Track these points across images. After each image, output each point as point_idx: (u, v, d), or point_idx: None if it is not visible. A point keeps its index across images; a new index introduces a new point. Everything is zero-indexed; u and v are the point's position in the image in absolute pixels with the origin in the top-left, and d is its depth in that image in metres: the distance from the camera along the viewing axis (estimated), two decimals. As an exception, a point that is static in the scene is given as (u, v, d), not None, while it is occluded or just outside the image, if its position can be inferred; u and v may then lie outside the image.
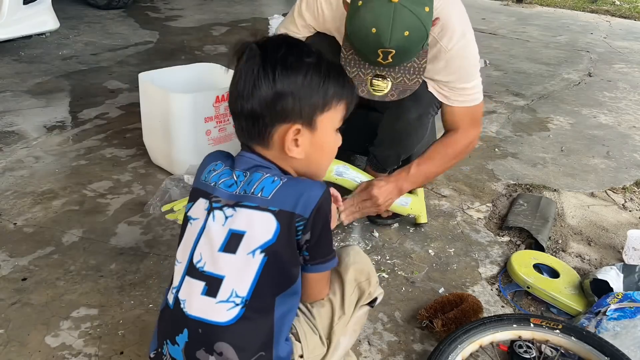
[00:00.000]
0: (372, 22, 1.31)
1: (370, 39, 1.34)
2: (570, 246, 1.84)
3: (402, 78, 1.44)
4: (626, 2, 7.03)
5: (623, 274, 1.55)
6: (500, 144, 2.62)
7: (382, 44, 1.33)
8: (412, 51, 1.40)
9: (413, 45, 1.37)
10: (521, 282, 1.59)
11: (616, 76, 3.88)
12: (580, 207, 2.09)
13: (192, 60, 3.39)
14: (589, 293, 1.51)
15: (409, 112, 1.67)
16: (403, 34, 1.31)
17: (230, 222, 0.93)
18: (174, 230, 1.78)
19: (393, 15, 1.29)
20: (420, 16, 1.31)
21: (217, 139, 2.10)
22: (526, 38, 4.88)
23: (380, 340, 1.40)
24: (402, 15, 1.30)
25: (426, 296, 1.56)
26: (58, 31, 3.72)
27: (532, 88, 3.50)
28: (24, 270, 1.56)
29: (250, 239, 0.91)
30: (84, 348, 1.31)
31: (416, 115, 1.68)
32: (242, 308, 0.90)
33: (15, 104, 2.73)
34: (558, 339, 1.29)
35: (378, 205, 1.67)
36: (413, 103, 1.64)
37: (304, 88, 0.93)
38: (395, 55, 1.36)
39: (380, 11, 1.30)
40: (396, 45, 1.33)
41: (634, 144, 2.74)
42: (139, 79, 2.07)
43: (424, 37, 1.36)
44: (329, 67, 0.97)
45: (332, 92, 0.97)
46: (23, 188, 1.98)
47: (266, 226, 0.91)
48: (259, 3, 5.71)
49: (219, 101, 2.03)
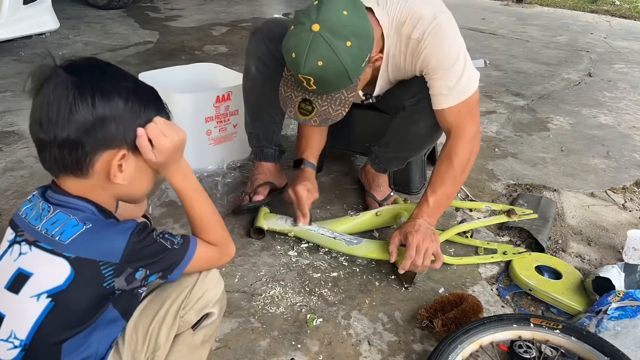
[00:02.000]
0: (293, 47, 1.36)
1: (291, 63, 1.39)
2: (570, 246, 1.84)
3: (327, 107, 1.47)
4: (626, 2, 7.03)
5: (624, 273, 1.55)
6: (500, 144, 2.62)
7: (298, 70, 1.37)
8: (331, 82, 1.41)
9: (329, 76, 1.38)
10: (523, 284, 1.59)
11: (616, 76, 3.88)
12: (580, 207, 2.09)
13: (192, 60, 3.40)
14: (591, 291, 1.51)
15: (428, 118, 1.63)
16: (317, 63, 1.34)
17: (22, 259, 0.89)
18: (174, 231, 1.78)
19: (309, 43, 1.33)
20: (336, 49, 1.33)
21: (217, 139, 2.10)
22: (526, 38, 4.88)
23: (380, 340, 1.40)
24: (318, 45, 1.33)
25: (426, 296, 1.56)
26: (58, 31, 3.72)
27: (532, 88, 3.50)
28: (24, 270, 1.56)
29: (37, 282, 0.87)
30: (84, 348, 1.31)
31: (434, 122, 1.63)
32: (22, 351, 0.87)
33: (15, 104, 2.73)
34: (558, 339, 1.29)
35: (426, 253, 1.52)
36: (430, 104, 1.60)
37: (126, 112, 0.90)
38: (316, 83, 1.39)
39: (300, 37, 1.34)
40: (310, 73, 1.36)
41: (634, 144, 2.74)
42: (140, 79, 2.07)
43: (341, 71, 1.37)
44: (147, 91, 0.97)
45: (153, 115, 0.95)
46: (23, 188, 1.98)
47: (57, 271, 0.86)
48: (259, 3, 5.71)
49: (219, 101, 2.03)
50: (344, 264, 1.68)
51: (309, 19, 1.33)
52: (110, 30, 4.24)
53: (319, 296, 1.54)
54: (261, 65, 1.78)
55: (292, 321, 1.44)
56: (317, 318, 1.45)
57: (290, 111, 1.51)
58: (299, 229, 1.72)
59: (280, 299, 1.51)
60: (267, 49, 1.75)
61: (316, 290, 1.56)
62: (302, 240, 1.76)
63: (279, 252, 1.71)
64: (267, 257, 1.69)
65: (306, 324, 1.43)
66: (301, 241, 1.76)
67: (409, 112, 1.68)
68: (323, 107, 1.47)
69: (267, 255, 1.70)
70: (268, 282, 1.58)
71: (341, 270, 1.65)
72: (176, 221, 1.83)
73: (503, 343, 1.32)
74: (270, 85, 1.80)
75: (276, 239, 1.77)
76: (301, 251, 1.72)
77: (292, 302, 1.51)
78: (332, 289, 1.57)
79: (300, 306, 1.50)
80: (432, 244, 1.52)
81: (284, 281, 1.59)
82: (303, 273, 1.63)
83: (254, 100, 1.88)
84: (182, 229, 1.79)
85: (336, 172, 2.19)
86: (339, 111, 1.48)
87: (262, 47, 1.76)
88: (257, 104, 1.87)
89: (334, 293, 1.55)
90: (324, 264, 1.67)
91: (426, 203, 1.59)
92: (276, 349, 1.35)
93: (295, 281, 1.59)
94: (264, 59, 1.76)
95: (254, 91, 1.86)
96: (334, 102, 1.46)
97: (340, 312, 1.48)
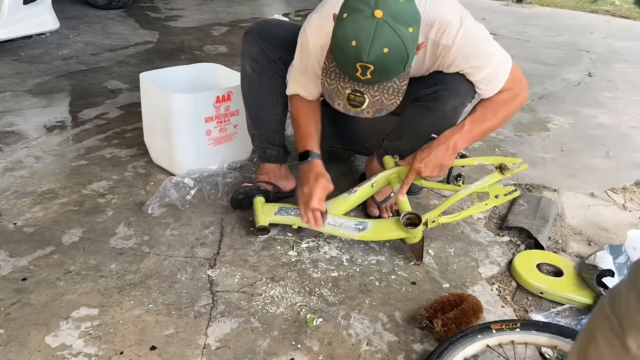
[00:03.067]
0: (353, 35, 1.31)
1: (349, 52, 1.33)
2: (570, 246, 1.84)
3: (380, 97, 1.43)
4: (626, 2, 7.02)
5: (612, 256, 1.61)
6: (500, 144, 2.62)
7: (361, 58, 1.32)
8: (392, 70, 1.38)
9: (392, 63, 1.35)
10: (534, 288, 1.59)
11: (616, 76, 3.88)
12: (580, 207, 2.09)
13: (192, 60, 3.39)
14: (594, 285, 1.52)
15: (446, 103, 1.64)
16: (382, 50, 1.30)
17: None
18: (174, 230, 1.78)
19: (374, 29, 1.29)
20: (402, 35, 1.31)
21: (217, 139, 2.10)
22: (526, 38, 4.87)
23: (380, 340, 1.40)
24: (383, 31, 1.29)
25: (426, 296, 1.56)
26: (58, 31, 3.72)
27: (532, 88, 3.49)
28: (24, 270, 1.56)
29: None
30: (84, 348, 1.31)
31: (452, 107, 1.65)
32: None
33: (15, 104, 2.73)
34: (521, 337, 1.31)
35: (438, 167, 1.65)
36: (450, 93, 1.62)
37: None
38: (374, 72, 1.35)
39: (362, 24, 1.30)
40: (374, 61, 1.32)
41: (634, 144, 2.74)
42: (140, 79, 2.07)
43: (404, 57, 1.35)
44: None
45: None
46: (23, 188, 1.98)
47: None
48: (259, 3, 5.71)
49: (219, 101, 2.03)
50: (344, 264, 1.68)
51: (368, 6, 1.30)
52: (110, 30, 4.24)
53: (319, 296, 1.54)
54: (256, 65, 1.79)
55: (292, 321, 1.44)
56: (317, 318, 1.45)
57: (338, 104, 1.45)
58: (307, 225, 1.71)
59: (280, 299, 1.51)
60: (259, 49, 1.76)
61: (316, 290, 1.56)
62: (302, 240, 1.76)
63: (279, 252, 1.71)
64: (267, 257, 1.69)
65: (306, 324, 1.43)
66: (301, 241, 1.76)
67: (424, 101, 1.67)
68: (375, 97, 1.42)
69: (267, 255, 1.70)
70: (268, 282, 1.58)
71: (341, 270, 1.65)
72: (176, 221, 1.83)
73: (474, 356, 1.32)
74: (267, 83, 1.81)
75: (276, 239, 1.77)
76: (301, 251, 1.72)
77: (292, 302, 1.51)
78: (332, 289, 1.57)
79: (300, 306, 1.50)
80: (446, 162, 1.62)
81: (284, 281, 1.59)
82: (303, 273, 1.63)
83: (252, 100, 1.88)
84: (182, 229, 1.79)
85: (336, 172, 2.19)
86: (392, 100, 1.44)
87: (254, 47, 1.77)
88: (256, 104, 1.87)
89: (334, 293, 1.55)
90: (324, 264, 1.67)
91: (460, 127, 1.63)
92: (276, 349, 1.35)
93: (295, 281, 1.59)
94: (257, 59, 1.78)
95: (252, 91, 1.86)
96: (386, 91, 1.42)
97: (340, 312, 1.48)
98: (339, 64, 1.39)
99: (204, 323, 1.41)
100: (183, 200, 1.91)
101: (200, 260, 1.66)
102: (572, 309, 1.53)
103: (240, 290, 1.54)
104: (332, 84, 1.44)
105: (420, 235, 1.66)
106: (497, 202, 1.72)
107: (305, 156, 1.69)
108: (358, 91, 1.42)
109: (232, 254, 1.69)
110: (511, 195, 1.72)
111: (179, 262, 1.64)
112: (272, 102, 1.82)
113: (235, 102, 2.07)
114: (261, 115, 1.88)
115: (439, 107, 1.66)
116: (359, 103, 1.43)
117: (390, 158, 1.79)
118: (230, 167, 2.14)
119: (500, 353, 1.31)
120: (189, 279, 1.57)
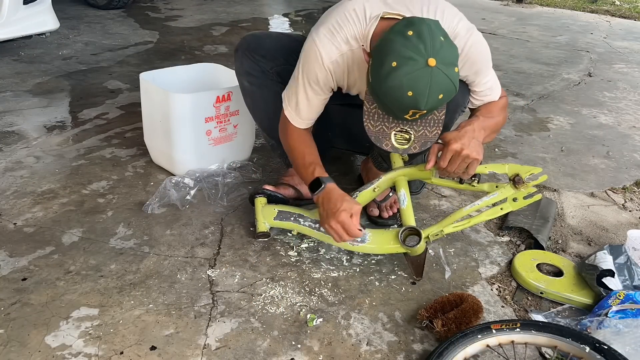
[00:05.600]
0: (409, 86, 1.29)
1: (405, 101, 1.32)
2: (570, 246, 1.84)
3: (423, 131, 1.44)
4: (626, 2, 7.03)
5: (612, 256, 1.61)
6: (500, 144, 2.62)
7: (418, 107, 1.32)
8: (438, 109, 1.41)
9: (442, 104, 1.37)
10: (533, 288, 1.59)
11: (616, 76, 3.88)
12: (580, 207, 2.09)
13: (192, 60, 3.40)
14: (594, 285, 1.52)
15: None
16: (438, 97, 1.32)
17: None
18: (174, 230, 1.79)
19: (431, 80, 1.29)
20: (452, 78, 1.32)
21: (217, 139, 2.10)
22: (526, 38, 4.88)
23: (380, 340, 1.40)
24: (438, 79, 1.29)
25: (426, 296, 1.56)
26: (58, 31, 3.72)
27: (532, 88, 3.50)
28: (24, 270, 1.56)
29: None
30: (84, 348, 1.31)
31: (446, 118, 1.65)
32: None
33: (15, 104, 2.73)
34: (521, 337, 1.31)
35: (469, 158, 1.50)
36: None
37: None
38: (424, 114, 1.37)
39: (417, 75, 1.28)
40: (430, 107, 1.34)
41: (634, 144, 2.74)
42: (140, 79, 2.07)
43: (452, 96, 1.37)
44: None
45: None
46: (23, 188, 1.98)
47: None
48: (259, 3, 5.71)
49: (219, 101, 2.03)
50: (344, 264, 1.68)
51: (420, 54, 1.28)
52: (110, 30, 4.24)
53: (319, 296, 1.54)
54: (252, 78, 1.79)
55: (292, 321, 1.44)
56: (317, 318, 1.45)
57: (386, 144, 1.46)
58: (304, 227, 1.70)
59: (280, 299, 1.51)
60: (251, 61, 1.76)
61: (316, 290, 1.56)
62: (303, 240, 1.76)
63: (279, 252, 1.71)
64: (267, 257, 1.69)
65: (306, 324, 1.43)
66: (301, 241, 1.76)
67: None
68: (419, 132, 1.44)
69: (267, 255, 1.70)
70: (268, 282, 1.58)
71: (341, 270, 1.65)
72: (176, 221, 1.83)
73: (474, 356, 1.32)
74: (268, 93, 1.80)
75: (276, 239, 1.77)
76: (301, 251, 1.72)
77: (292, 302, 1.51)
78: (332, 289, 1.57)
79: (300, 306, 1.50)
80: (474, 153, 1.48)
81: (284, 281, 1.59)
82: (303, 273, 1.63)
83: (259, 113, 1.88)
84: (182, 229, 1.79)
85: (336, 172, 2.19)
86: (434, 132, 1.45)
87: (246, 61, 1.77)
88: (265, 116, 1.86)
89: (334, 293, 1.55)
90: (324, 264, 1.67)
91: (477, 120, 1.58)
92: (276, 349, 1.35)
93: (295, 281, 1.59)
94: (252, 72, 1.77)
95: (256, 104, 1.86)
96: (428, 125, 1.44)
97: (340, 312, 1.48)
98: (390, 110, 1.39)
99: (204, 323, 1.41)
100: (183, 200, 1.91)
101: (200, 260, 1.66)
102: (572, 309, 1.53)
103: (240, 290, 1.54)
104: (376, 125, 1.45)
105: (422, 249, 1.61)
106: (514, 206, 1.60)
107: (318, 185, 1.59)
108: (403, 129, 1.44)
109: (232, 254, 1.69)
110: (532, 199, 1.59)
111: (179, 262, 1.64)
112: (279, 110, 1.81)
113: (235, 102, 2.07)
114: (273, 125, 1.84)
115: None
116: (405, 141, 1.45)
117: (398, 156, 1.72)
118: (230, 167, 2.14)
119: (500, 353, 1.32)
120: (189, 279, 1.57)
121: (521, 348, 1.34)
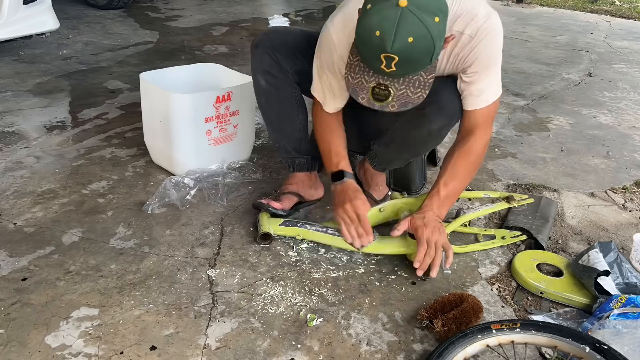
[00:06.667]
0: (377, 25, 1.26)
1: (373, 42, 1.28)
2: (570, 246, 1.84)
3: (405, 90, 1.38)
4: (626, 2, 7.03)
5: (602, 254, 1.62)
6: (500, 144, 2.62)
7: (385, 48, 1.27)
8: (417, 61, 1.33)
9: (417, 54, 1.30)
10: (533, 288, 1.59)
11: (616, 76, 3.88)
12: (580, 207, 2.09)
13: (192, 60, 3.39)
14: (592, 289, 1.51)
15: (432, 123, 1.63)
16: (407, 39, 1.26)
17: None
18: (174, 230, 1.79)
19: (398, 19, 1.25)
20: (427, 25, 1.26)
21: (217, 139, 2.10)
22: (526, 38, 4.88)
23: (380, 340, 1.40)
24: (407, 20, 1.25)
25: (426, 296, 1.56)
26: (58, 31, 3.72)
27: (532, 88, 3.50)
28: (24, 270, 1.56)
29: None
30: (84, 348, 1.31)
31: (438, 127, 1.64)
32: None
33: (15, 104, 2.73)
34: (521, 337, 1.31)
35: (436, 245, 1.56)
36: (437, 113, 1.60)
37: None
38: (399, 63, 1.30)
39: (385, 14, 1.25)
40: (399, 51, 1.27)
41: (634, 144, 2.74)
42: (140, 79, 2.08)
43: (430, 48, 1.30)
44: None
45: None
46: (23, 188, 1.98)
47: None
48: (259, 3, 5.71)
49: (219, 101, 2.03)
50: (344, 264, 1.68)
51: None
52: (110, 30, 4.24)
53: (319, 296, 1.54)
54: (270, 77, 1.75)
55: (292, 321, 1.44)
56: (317, 318, 1.45)
57: (362, 98, 1.41)
58: (311, 232, 1.71)
59: (280, 299, 1.51)
60: (272, 60, 1.72)
61: (316, 290, 1.56)
62: (303, 240, 1.76)
63: (279, 252, 1.71)
64: (267, 257, 1.69)
65: (306, 324, 1.43)
66: (302, 241, 1.76)
67: (413, 116, 1.64)
68: (400, 91, 1.38)
69: (267, 255, 1.70)
70: (268, 282, 1.58)
71: (341, 270, 1.65)
72: (176, 221, 1.83)
73: (474, 356, 1.32)
74: (284, 95, 1.78)
75: (276, 239, 1.77)
76: (301, 251, 1.72)
77: (292, 302, 1.51)
78: (332, 289, 1.57)
79: (300, 306, 1.50)
80: (441, 236, 1.56)
81: (284, 281, 1.59)
82: (303, 273, 1.63)
83: (272, 113, 1.85)
84: (182, 229, 1.79)
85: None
86: (418, 94, 1.39)
87: (267, 59, 1.73)
88: (277, 117, 1.84)
89: (334, 293, 1.55)
90: (324, 264, 1.67)
91: (437, 195, 1.62)
92: (276, 349, 1.35)
93: (295, 281, 1.59)
94: (271, 71, 1.73)
95: (270, 104, 1.82)
96: (412, 85, 1.38)
97: (340, 312, 1.48)
98: (363, 56, 1.35)
99: (204, 323, 1.41)
100: (183, 200, 1.91)
101: (200, 260, 1.66)
102: (572, 309, 1.53)
103: (240, 290, 1.54)
104: (356, 77, 1.40)
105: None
106: (503, 242, 1.81)
107: (340, 176, 1.67)
108: (382, 84, 1.37)
109: (232, 254, 1.69)
110: (517, 238, 1.82)
111: (179, 262, 1.64)
112: (293, 112, 1.78)
113: (235, 102, 2.07)
114: (284, 127, 1.84)
115: (424, 126, 1.65)
116: (383, 97, 1.39)
117: (398, 194, 1.89)
118: (230, 167, 2.14)
119: (500, 353, 1.32)
120: (189, 279, 1.57)
121: (521, 348, 1.34)
